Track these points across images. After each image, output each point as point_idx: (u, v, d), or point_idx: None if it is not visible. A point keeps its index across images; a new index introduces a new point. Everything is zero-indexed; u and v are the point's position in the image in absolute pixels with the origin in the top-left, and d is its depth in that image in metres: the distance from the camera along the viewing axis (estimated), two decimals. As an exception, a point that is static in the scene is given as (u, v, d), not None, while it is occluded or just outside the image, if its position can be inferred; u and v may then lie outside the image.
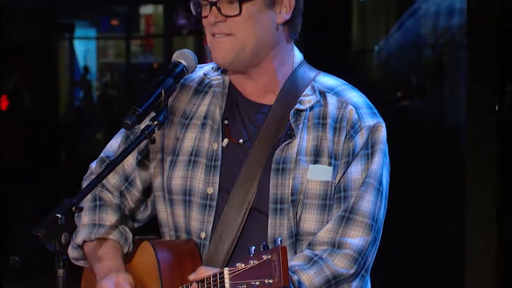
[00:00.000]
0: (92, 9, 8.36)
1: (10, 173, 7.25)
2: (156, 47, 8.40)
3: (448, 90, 6.15)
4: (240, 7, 2.82)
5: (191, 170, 2.93)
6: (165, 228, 3.00)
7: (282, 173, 2.88)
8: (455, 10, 5.90)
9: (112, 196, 3.04)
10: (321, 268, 2.82)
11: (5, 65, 7.50)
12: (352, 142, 2.88)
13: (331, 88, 2.93)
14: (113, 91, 8.56)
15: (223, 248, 2.89)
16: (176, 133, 2.98)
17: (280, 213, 2.88)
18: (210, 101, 2.97)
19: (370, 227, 2.86)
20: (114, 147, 3.07)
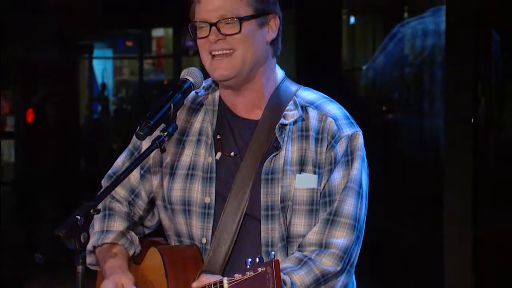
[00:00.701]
0: (109, 32, 8.35)
1: (35, 179, 7.24)
2: (166, 66, 8.40)
3: (426, 103, 6.15)
4: (240, 25, 2.81)
5: (189, 183, 2.93)
6: (169, 232, 3.00)
7: (271, 182, 2.87)
8: (429, 32, 5.90)
9: (122, 206, 3.04)
10: (311, 268, 2.82)
11: (31, 82, 7.49)
12: (333, 151, 2.88)
13: (311, 102, 2.93)
14: (128, 106, 8.56)
15: (221, 252, 2.88)
16: (174, 149, 2.98)
17: (271, 219, 2.88)
18: (203, 118, 2.96)
19: (353, 227, 2.86)
20: (119, 164, 3.07)
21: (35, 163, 7.42)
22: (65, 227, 2.66)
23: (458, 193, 4.90)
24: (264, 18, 2.87)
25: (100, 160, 7.52)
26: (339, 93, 3.08)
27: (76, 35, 7.92)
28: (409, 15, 6.50)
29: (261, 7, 2.87)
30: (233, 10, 2.84)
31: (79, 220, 2.67)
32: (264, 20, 2.88)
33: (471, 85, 4.97)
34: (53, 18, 7.40)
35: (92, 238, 2.96)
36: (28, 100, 7.65)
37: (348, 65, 6.93)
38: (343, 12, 6.91)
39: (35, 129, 7.61)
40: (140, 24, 8.16)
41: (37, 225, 6.83)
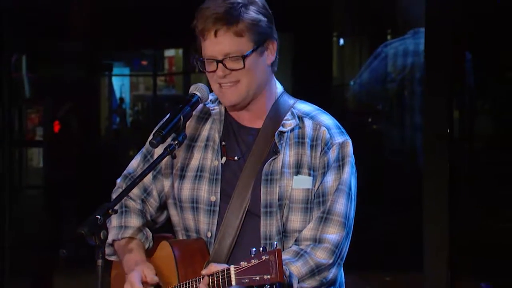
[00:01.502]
0: (126, 53, 8.35)
1: (60, 182, 7.22)
2: (177, 82, 8.39)
3: (407, 115, 6.13)
4: (244, 61, 2.82)
5: (197, 183, 2.94)
6: (177, 228, 3.00)
7: (270, 183, 2.88)
8: (409, 52, 5.89)
9: (136, 203, 3.04)
10: (306, 260, 2.82)
11: (58, 97, 7.48)
12: (326, 157, 2.89)
13: (307, 113, 2.95)
14: (143, 118, 8.54)
15: (226, 245, 2.89)
16: (184, 153, 2.98)
17: (269, 215, 2.89)
18: (210, 126, 2.97)
19: (344, 224, 2.87)
20: (134, 166, 3.08)
21: (61, 168, 7.41)
22: (87, 225, 2.67)
23: (435, 195, 4.89)
24: (263, 46, 2.88)
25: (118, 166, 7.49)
26: (330, 105, 3.10)
27: (97, 56, 7.91)
28: (392, 37, 6.49)
29: (260, 38, 2.88)
30: (237, 48, 2.86)
31: (99, 220, 2.68)
32: (263, 48, 2.89)
33: (447, 99, 4.96)
34: (77, 42, 7.39)
35: (111, 233, 2.98)
36: (55, 113, 7.63)
37: (337, 81, 6.92)
38: (334, 35, 6.90)
39: (61, 138, 7.59)
40: (154, 46, 8.15)
41: (62, 224, 6.81)
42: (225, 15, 2.82)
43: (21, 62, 7.42)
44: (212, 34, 2.81)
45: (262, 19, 2.85)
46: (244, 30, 2.82)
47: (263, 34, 2.85)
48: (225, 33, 2.81)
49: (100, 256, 2.67)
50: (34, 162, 7.56)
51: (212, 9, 2.84)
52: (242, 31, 2.81)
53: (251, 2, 2.87)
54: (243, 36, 2.81)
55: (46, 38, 7.20)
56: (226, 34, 2.81)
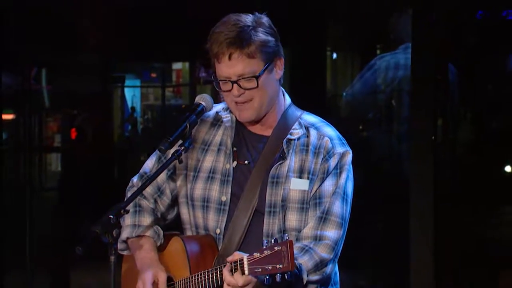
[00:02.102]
0: (137, 66, 8.35)
1: (77, 185, 7.22)
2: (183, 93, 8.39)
3: (395, 123, 6.13)
4: (257, 81, 2.82)
5: (209, 183, 2.94)
6: (187, 225, 3.00)
7: (276, 185, 2.89)
8: (400, 65, 5.89)
9: (148, 202, 3.04)
10: (311, 255, 2.83)
11: (75, 107, 7.48)
12: (327, 164, 2.90)
13: (312, 124, 2.95)
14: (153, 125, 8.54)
15: (234, 241, 2.89)
16: (197, 155, 2.98)
17: (273, 214, 2.89)
18: (223, 133, 2.97)
19: (341, 224, 2.88)
20: (149, 166, 3.07)
21: (77, 172, 7.40)
22: (100, 224, 2.67)
23: (421, 196, 4.89)
24: (272, 64, 2.88)
25: (130, 170, 7.52)
26: (325, 114, 3.09)
27: (110, 68, 7.91)
28: (381, 52, 6.48)
29: (269, 57, 2.88)
30: (250, 69, 2.86)
31: (112, 219, 2.68)
32: (272, 65, 2.89)
33: (432, 109, 4.96)
34: (92, 56, 7.40)
35: (125, 231, 2.98)
36: (72, 121, 7.63)
37: (331, 92, 6.92)
38: (328, 49, 6.91)
39: (77, 144, 7.59)
40: (162, 60, 8.16)
41: (78, 223, 6.81)
42: (237, 38, 2.81)
43: (40, 75, 7.43)
44: (226, 58, 2.81)
45: (270, 39, 2.85)
46: (255, 51, 2.82)
47: (271, 53, 2.85)
48: (238, 56, 2.81)
49: (112, 253, 2.67)
50: (53, 166, 7.56)
51: (225, 33, 2.83)
52: (253, 52, 2.81)
53: (259, 24, 2.87)
54: (255, 58, 2.82)
55: (64, 52, 7.20)
56: (240, 57, 2.81)
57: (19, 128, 6.67)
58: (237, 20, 2.85)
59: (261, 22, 2.89)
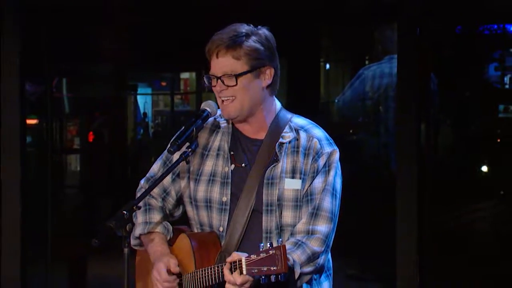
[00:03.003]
0: (148, 75, 8.35)
1: (94, 184, 7.21)
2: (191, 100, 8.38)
3: (382, 127, 6.11)
4: (236, 79, 2.82)
5: (211, 186, 2.93)
6: (192, 222, 2.99)
7: (271, 186, 2.87)
8: (385, 74, 5.88)
9: (157, 201, 3.03)
10: (304, 249, 2.81)
11: (92, 113, 7.47)
12: (316, 163, 2.88)
13: (302, 126, 2.94)
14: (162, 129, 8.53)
15: (235, 238, 2.88)
16: (198, 160, 2.97)
17: (270, 213, 2.87)
18: (221, 138, 2.96)
19: (331, 219, 2.86)
20: (155, 170, 3.07)
21: (94, 172, 7.39)
22: (115, 219, 2.66)
23: (406, 193, 4.87)
24: (258, 71, 2.87)
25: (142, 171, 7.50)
26: (318, 119, 3.08)
27: (124, 78, 7.91)
28: (369, 62, 6.47)
29: (256, 63, 2.87)
30: (232, 68, 2.85)
31: (125, 215, 2.68)
32: (259, 72, 2.87)
33: (415, 114, 4.94)
34: (108, 66, 7.40)
35: (138, 228, 2.98)
36: (89, 126, 7.62)
37: (324, 99, 6.91)
38: (321, 60, 6.90)
39: (94, 147, 7.58)
40: (171, 69, 8.15)
41: (95, 218, 6.79)
42: (228, 40, 2.83)
43: (61, 84, 7.43)
44: (215, 55, 2.84)
45: (259, 48, 2.84)
46: (241, 55, 2.82)
47: (259, 60, 2.84)
48: (224, 55, 2.83)
49: (126, 245, 2.66)
50: (72, 167, 7.55)
51: (220, 36, 2.86)
52: (239, 55, 2.82)
53: (254, 34, 2.87)
54: (240, 60, 2.82)
55: (82, 63, 7.19)
56: (225, 56, 2.83)
57: (42, 132, 6.66)
58: (235, 28, 2.87)
59: (257, 32, 2.89)
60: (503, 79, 6.59)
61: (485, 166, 6.68)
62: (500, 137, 7.02)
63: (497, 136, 7.02)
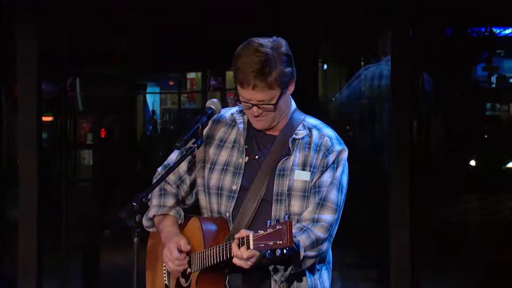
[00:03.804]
0: (157, 75, 8.35)
1: (106, 177, 7.22)
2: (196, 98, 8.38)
3: (377, 124, 6.10)
4: (275, 107, 2.85)
5: (223, 175, 2.94)
6: (204, 210, 3.00)
7: (282, 177, 2.88)
8: (383, 75, 5.87)
9: (172, 188, 3.05)
10: (309, 234, 2.83)
11: (104, 111, 7.47)
12: (326, 159, 2.89)
13: (314, 126, 2.95)
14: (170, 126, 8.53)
15: (243, 223, 2.89)
16: (214, 150, 2.98)
17: (279, 202, 2.89)
18: (237, 132, 2.96)
19: (335, 210, 2.87)
20: (173, 158, 3.08)
21: (106, 166, 7.39)
22: (125, 211, 2.67)
23: (399, 186, 4.85)
24: (287, 88, 2.87)
25: (150, 164, 7.51)
26: (317, 116, 3.07)
27: (134, 78, 7.90)
28: (365, 63, 6.46)
29: (285, 84, 2.86)
30: (269, 97, 2.88)
31: (135, 206, 2.68)
32: (287, 89, 2.88)
33: (408, 113, 4.93)
34: (118, 67, 7.39)
35: (152, 210, 3.01)
36: (101, 122, 7.61)
37: (322, 97, 6.90)
38: (319, 61, 6.89)
39: (106, 142, 7.57)
40: (178, 70, 8.15)
41: (107, 209, 6.79)
42: (261, 71, 2.77)
43: (75, 83, 7.42)
44: (250, 87, 2.78)
45: (287, 70, 2.81)
46: (274, 82, 2.78)
47: (287, 80, 2.82)
48: (260, 87, 2.78)
49: (135, 235, 2.66)
50: (86, 161, 7.55)
51: (249, 64, 2.78)
52: (272, 84, 2.77)
53: (278, 54, 2.80)
54: (273, 89, 2.79)
55: (94, 64, 7.19)
56: (262, 88, 2.78)
57: (57, 128, 6.65)
58: (259, 50, 2.79)
59: (280, 51, 2.82)
60: (490, 78, 6.59)
61: (473, 161, 6.67)
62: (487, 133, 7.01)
63: (484, 133, 7.01)
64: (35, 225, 5.14)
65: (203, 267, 2.81)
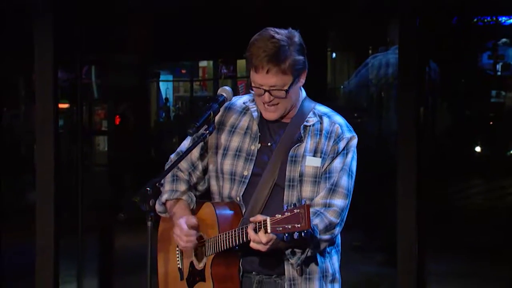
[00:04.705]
0: (170, 63, 8.35)
1: (120, 163, 7.22)
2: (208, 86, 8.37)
3: (385, 112, 6.08)
4: (286, 93, 2.83)
5: (236, 160, 2.95)
6: (215, 196, 3.00)
7: (294, 163, 2.88)
8: (390, 64, 5.84)
9: (184, 175, 3.05)
10: (322, 219, 2.83)
11: (118, 98, 7.48)
12: (337, 146, 2.89)
13: (325, 113, 2.94)
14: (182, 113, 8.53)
15: (257, 208, 2.89)
16: (226, 136, 2.98)
17: (291, 188, 2.89)
18: (249, 119, 2.96)
19: (346, 195, 2.87)
20: (185, 145, 3.08)
21: (120, 152, 7.40)
22: (139, 195, 2.67)
23: (407, 171, 4.84)
24: (299, 77, 2.86)
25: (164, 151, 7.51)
26: (326, 104, 3.06)
27: (148, 66, 7.90)
28: (372, 52, 6.43)
29: (298, 73, 2.85)
30: (282, 83, 2.86)
31: (148, 191, 2.68)
32: (299, 78, 2.86)
33: (414, 99, 4.90)
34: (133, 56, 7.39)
35: (165, 195, 3.02)
36: (116, 109, 7.62)
37: (331, 85, 6.87)
38: (328, 50, 6.86)
39: (121, 129, 7.58)
40: (191, 58, 8.14)
41: (121, 194, 6.80)
42: (275, 56, 2.76)
43: (90, 71, 7.42)
44: (264, 71, 2.77)
45: (300, 58, 2.81)
46: (288, 69, 2.77)
47: (300, 69, 2.80)
48: (274, 72, 2.76)
49: (149, 219, 2.67)
50: (101, 147, 7.57)
51: (264, 49, 2.76)
52: (286, 70, 2.77)
53: (292, 43, 2.80)
54: (287, 74, 2.78)
55: (109, 52, 7.18)
56: (275, 72, 2.76)
57: (72, 115, 6.66)
58: (274, 37, 2.77)
59: (294, 41, 2.81)
60: (496, 66, 6.55)
61: (478, 147, 6.64)
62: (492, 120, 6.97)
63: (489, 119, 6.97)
64: (52, 209, 5.16)
65: (217, 251, 2.81)
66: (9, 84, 7.12)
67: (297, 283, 2.81)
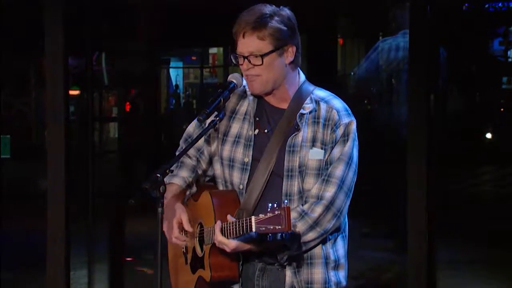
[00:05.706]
0: (180, 50, 8.33)
1: (131, 148, 7.23)
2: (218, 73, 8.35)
3: (395, 98, 6.05)
4: (262, 59, 2.78)
5: (235, 146, 2.92)
6: (219, 180, 2.99)
7: (292, 153, 2.84)
8: (400, 47, 5.80)
9: (191, 160, 3.05)
10: (306, 220, 2.80)
11: (129, 85, 7.47)
12: (335, 134, 2.84)
13: (322, 98, 2.89)
14: (193, 100, 8.53)
15: (253, 197, 2.86)
16: (226, 122, 2.95)
17: (291, 178, 2.85)
18: (248, 104, 2.93)
19: (338, 185, 2.81)
20: (190, 130, 3.07)
21: (131, 138, 7.41)
22: (149, 182, 2.66)
23: (417, 157, 4.81)
24: (282, 49, 2.81)
25: (174, 136, 7.51)
26: (336, 90, 3.02)
27: (158, 53, 7.89)
28: (383, 37, 6.39)
29: (279, 43, 2.80)
30: (258, 48, 2.80)
31: (159, 177, 2.67)
32: (282, 51, 2.81)
33: (425, 85, 4.87)
34: (143, 43, 7.37)
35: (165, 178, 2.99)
36: (126, 96, 7.62)
37: (341, 72, 6.86)
38: (338, 36, 6.84)
39: (131, 115, 7.58)
40: (201, 45, 8.12)
41: (132, 180, 6.81)
42: (253, 22, 2.77)
43: (101, 58, 7.42)
44: (241, 36, 2.78)
45: (283, 28, 2.79)
46: (266, 35, 2.77)
47: (282, 40, 2.78)
48: (250, 36, 2.77)
49: (160, 205, 2.66)
50: (111, 133, 7.58)
51: (245, 17, 2.80)
52: (264, 36, 2.77)
53: (277, 14, 2.81)
54: (265, 40, 2.76)
55: (120, 40, 7.18)
56: (251, 36, 2.77)
57: (83, 102, 6.66)
58: (259, 9, 2.82)
59: (280, 13, 2.82)
60: (507, 53, 6.51)
61: (489, 133, 6.61)
62: (503, 106, 6.94)
63: (500, 106, 6.94)
64: (62, 195, 5.16)
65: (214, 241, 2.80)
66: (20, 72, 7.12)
67: (300, 270, 2.81)
